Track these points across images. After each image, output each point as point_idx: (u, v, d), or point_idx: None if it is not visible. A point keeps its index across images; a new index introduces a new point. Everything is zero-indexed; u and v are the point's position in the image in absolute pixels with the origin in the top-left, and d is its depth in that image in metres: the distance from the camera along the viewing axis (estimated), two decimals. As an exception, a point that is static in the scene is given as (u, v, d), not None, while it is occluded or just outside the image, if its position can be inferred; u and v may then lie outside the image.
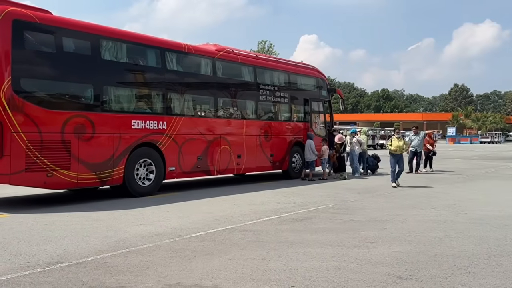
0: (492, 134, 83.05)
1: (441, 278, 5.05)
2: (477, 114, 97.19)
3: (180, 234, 7.02)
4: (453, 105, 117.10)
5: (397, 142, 13.60)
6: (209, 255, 5.86)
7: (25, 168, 8.86)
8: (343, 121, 57.90)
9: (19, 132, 8.75)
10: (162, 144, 11.37)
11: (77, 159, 9.59)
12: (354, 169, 17.16)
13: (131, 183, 10.67)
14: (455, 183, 15.29)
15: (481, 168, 21.99)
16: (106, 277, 4.90)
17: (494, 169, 21.56)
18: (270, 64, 15.87)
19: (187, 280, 4.86)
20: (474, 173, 18.95)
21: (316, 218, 8.55)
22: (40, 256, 5.65)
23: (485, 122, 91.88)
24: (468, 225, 8.09)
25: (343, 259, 5.77)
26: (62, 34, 9.75)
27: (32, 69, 9.23)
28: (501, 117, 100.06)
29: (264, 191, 12.45)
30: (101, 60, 10.38)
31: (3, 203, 9.94)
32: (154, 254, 5.86)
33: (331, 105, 18.39)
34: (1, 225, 7.53)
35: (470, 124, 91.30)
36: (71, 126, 9.52)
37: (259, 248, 6.26)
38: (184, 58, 12.53)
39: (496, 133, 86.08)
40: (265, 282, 4.83)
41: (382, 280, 4.96)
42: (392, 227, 7.79)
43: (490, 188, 14.07)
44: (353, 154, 17.11)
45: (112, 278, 4.88)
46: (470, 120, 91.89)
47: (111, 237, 6.71)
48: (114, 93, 10.72)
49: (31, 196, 10.88)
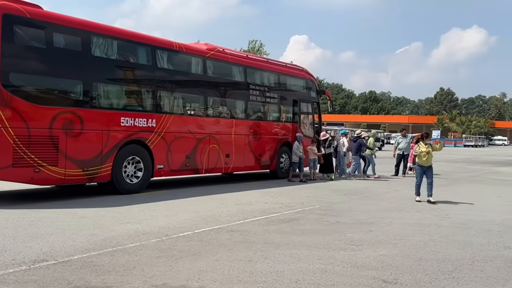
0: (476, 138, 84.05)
1: (426, 283, 5.07)
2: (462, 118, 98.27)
3: (167, 233, 6.96)
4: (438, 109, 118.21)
5: (425, 149, 11.11)
6: (196, 256, 5.82)
7: (12, 163, 8.76)
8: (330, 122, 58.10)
9: (6, 127, 8.64)
10: (151, 141, 11.29)
11: (65, 155, 9.49)
12: (341, 171, 17.22)
13: (119, 180, 10.58)
14: (439, 186, 15.37)
15: (465, 171, 22.20)
16: (92, 277, 4.83)
17: (478, 173, 21.79)
18: (261, 64, 15.85)
19: (174, 281, 4.82)
20: (458, 177, 19.12)
21: (303, 219, 8.54)
22: (25, 254, 5.56)
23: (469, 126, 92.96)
24: (452, 229, 8.15)
25: (329, 261, 5.76)
26: (53, 29, 9.64)
27: (21, 64, 9.12)
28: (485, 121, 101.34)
29: (251, 191, 12.43)
30: (91, 57, 10.28)
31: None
32: (140, 254, 5.80)
33: (319, 106, 18.43)
34: (-14, 220, 7.43)
35: (455, 128, 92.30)
36: (59, 122, 9.42)
37: (246, 249, 6.23)
38: (175, 57, 12.44)
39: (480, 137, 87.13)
40: (251, 284, 4.80)
41: (367, 283, 4.97)
42: (377, 230, 7.81)
43: (472, 191, 14.18)
44: (340, 155, 17.18)
45: (98, 277, 4.82)
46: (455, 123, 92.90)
47: (98, 235, 6.64)
48: (104, 90, 10.63)
49: (18, 191, 10.75)
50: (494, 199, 12.48)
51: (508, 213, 10.11)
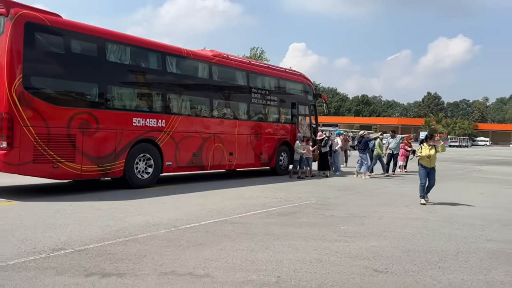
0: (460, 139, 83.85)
1: (414, 272, 5.06)
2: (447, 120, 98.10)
3: (176, 225, 6.95)
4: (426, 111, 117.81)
5: (428, 151, 10.28)
6: (202, 246, 5.81)
7: (33, 159, 8.75)
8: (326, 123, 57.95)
9: (28, 126, 8.64)
10: (160, 140, 11.28)
11: (82, 152, 9.49)
12: (336, 168, 17.19)
13: (131, 175, 10.57)
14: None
15: (451, 170, 22.12)
16: (106, 264, 4.84)
17: (462, 171, 21.72)
18: (262, 69, 15.80)
19: (181, 268, 4.82)
20: (444, 174, 19.04)
21: (300, 213, 8.53)
22: (45, 243, 5.57)
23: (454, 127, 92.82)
24: (438, 223, 8.13)
25: (324, 252, 5.75)
26: (71, 36, 9.62)
27: (42, 68, 9.09)
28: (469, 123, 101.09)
29: (253, 186, 12.40)
30: (106, 62, 10.26)
31: (12, 191, 9.80)
32: (151, 243, 5.80)
33: (316, 108, 18.39)
34: (10, 211, 7.43)
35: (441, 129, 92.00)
36: (76, 122, 9.41)
37: (248, 239, 6.23)
38: (183, 62, 12.41)
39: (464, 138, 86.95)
40: (253, 272, 4.81)
41: (360, 272, 4.96)
42: (369, 223, 7.79)
43: (458, 188, 14.15)
44: (335, 154, 17.16)
45: (112, 265, 4.82)
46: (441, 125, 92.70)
47: (111, 226, 6.64)
48: (118, 92, 10.60)
49: (38, 185, 10.74)
50: (477, 196, 12.44)
51: (490, 209, 10.09)
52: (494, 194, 13.07)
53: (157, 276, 4.52)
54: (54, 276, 4.39)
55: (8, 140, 8.44)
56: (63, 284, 4.20)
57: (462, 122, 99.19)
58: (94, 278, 4.38)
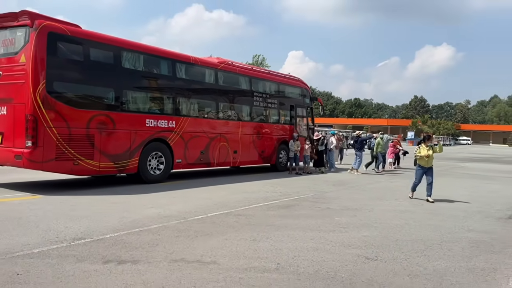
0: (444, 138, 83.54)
1: (402, 260, 5.05)
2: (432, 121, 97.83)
3: (185, 216, 6.95)
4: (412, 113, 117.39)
5: (426, 151, 9.84)
6: (209, 235, 5.81)
7: (55, 157, 8.75)
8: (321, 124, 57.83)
9: (51, 127, 8.64)
10: (171, 139, 11.27)
11: (100, 150, 9.49)
12: (331, 165, 17.16)
13: (144, 172, 10.57)
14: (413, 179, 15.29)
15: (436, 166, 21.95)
16: (122, 252, 4.84)
17: (447, 167, 21.63)
18: (263, 75, 15.77)
19: (190, 256, 4.82)
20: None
21: (298, 206, 8.52)
22: (66, 233, 5.58)
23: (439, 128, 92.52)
24: (425, 215, 8.11)
25: (320, 241, 5.75)
26: (89, 45, 9.61)
27: (63, 74, 9.07)
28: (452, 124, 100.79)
29: (255, 181, 12.38)
30: (122, 68, 10.24)
31: (36, 186, 9.80)
32: (162, 233, 5.80)
33: (312, 110, 18.34)
34: (35, 204, 7.44)
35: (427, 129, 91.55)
36: (95, 123, 9.41)
37: (250, 230, 6.22)
38: (191, 68, 12.39)
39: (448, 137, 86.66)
40: (255, 260, 4.81)
41: (353, 260, 4.96)
42: (361, 215, 7.77)
43: (442, 184, 14.10)
44: (330, 152, 17.12)
45: (127, 253, 4.83)
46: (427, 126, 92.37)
47: (126, 218, 6.64)
48: (132, 96, 10.59)
49: (59, 180, 10.75)
50: (461, 190, 12.40)
51: (472, 202, 10.06)
52: (475, 188, 13.03)
53: (168, 263, 4.53)
54: (74, 263, 4.40)
55: (33, 140, 8.45)
56: (83, 270, 4.20)
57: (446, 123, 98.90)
58: (111, 265, 4.38)
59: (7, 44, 9.08)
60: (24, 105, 8.53)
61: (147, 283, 3.93)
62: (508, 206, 9.59)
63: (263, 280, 4.17)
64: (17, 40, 8.90)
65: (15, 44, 8.95)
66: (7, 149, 8.81)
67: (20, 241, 5.09)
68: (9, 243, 5.00)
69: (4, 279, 3.89)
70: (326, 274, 4.43)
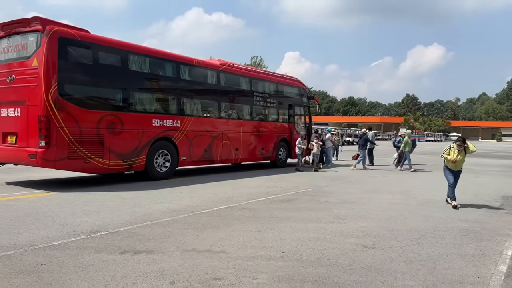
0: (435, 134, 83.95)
1: (397, 248, 5.21)
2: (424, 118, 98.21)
3: (192, 210, 7.09)
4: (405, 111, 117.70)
5: (455, 155, 8.24)
6: (216, 227, 5.95)
7: (67, 156, 8.88)
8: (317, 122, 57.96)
9: (63, 127, 8.76)
10: (176, 138, 11.41)
11: (109, 149, 9.61)
12: (327, 161, 17.31)
13: (151, 169, 10.70)
14: (407, 173, 15.51)
15: (428, 162, 22.24)
16: (136, 243, 4.99)
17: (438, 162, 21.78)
18: (263, 76, 15.90)
19: (201, 246, 4.97)
20: (422, 166, 19.17)
21: (299, 200, 8.66)
22: (83, 226, 5.72)
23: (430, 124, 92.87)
24: (418, 206, 8.26)
25: (321, 232, 5.90)
26: (98, 49, 9.72)
27: (73, 77, 9.18)
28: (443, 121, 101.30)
29: (256, 177, 12.53)
30: (129, 71, 10.36)
31: (48, 184, 9.94)
32: (173, 226, 5.94)
33: (309, 109, 18.49)
34: (50, 201, 7.57)
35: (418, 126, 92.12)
36: (104, 123, 9.53)
37: (255, 222, 6.37)
38: (195, 70, 12.50)
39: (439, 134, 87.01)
40: (261, 249, 4.95)
41: (351, 248, 5.11)
42: (358, 207, 7.92)
43: (433, 178, 14.27)
44: (327, 149, 17.28)
45: (141, 244, 4.97)
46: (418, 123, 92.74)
47: (138, 212, 6.78)
48: (139, 97, 10.71)
49: (70, 178, 10.89)
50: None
51: (462, 194, 10.13)
52: (465, 182, 13.11)
53: (181, 253, 4.68)
54: (93, 254, 4.54)
55: (46, 139, 8.57)
56: (102, 260, 4.35)
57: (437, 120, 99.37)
58: (127, 255, 4.53)
59: (20, 48, 9.19)
60: (37, 107, 8.65)
61: (162, 270, 4.08)
62: (496, 198, 9.77)
63: (270, 267, 4.32)
64: (29, 45, 9.01)
65: (27, 49, 9.06)
66: (21, 149, 8.94)
67: (40, 235, 5.24)
68: (30, 236, 5.14)
69: (30, 269, 4.04)
70: (328, 261, 4.59)
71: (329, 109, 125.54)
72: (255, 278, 3.98)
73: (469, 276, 4.27)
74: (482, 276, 4.31)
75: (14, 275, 3.87)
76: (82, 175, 10.87)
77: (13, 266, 4.10)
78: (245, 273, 4.11)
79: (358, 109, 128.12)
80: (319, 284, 3.90)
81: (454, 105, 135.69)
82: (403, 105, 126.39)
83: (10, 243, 4.84)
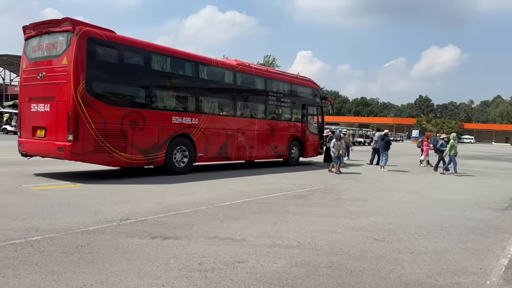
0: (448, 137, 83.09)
1: (406, 241, 5.55)
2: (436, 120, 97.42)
3: (212, 203, 7.49)
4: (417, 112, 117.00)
5: None
6: (235, 219, 6.34)
7: (93, 149, 9.36)
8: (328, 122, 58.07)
9: (90, 123, 9.24)
10: (194, 135, 11.85)
11: (132, 144, 10.08)
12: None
13: (170, 164, 11.16)
14: (416, 174, 15.76)
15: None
16: (164, 230, 5.41)
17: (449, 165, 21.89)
18: (277, 76, 16.25)
19: (222, 234, 5.37)
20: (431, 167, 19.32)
21: (312, 196, 9.02)
22: (113, 214, 6.16)
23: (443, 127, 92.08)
24: (426, 205, 8.57)
25: (333, 225, 6.25)
26: (123, 49, 10.18)
27: (100, 75, 9.64)
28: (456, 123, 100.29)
29: (270, 174, 12.89)
30: (151, 70, 10.83)
31: (74, 176, 10.44)
32: (195, 216, 6.36)
33: (322, 109, 18.80)
34: (78, 191, 8.05)
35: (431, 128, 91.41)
36: (128, 120, 9.99)
37: (271, 215, 6.74)
38: (212, 70, 12.92)
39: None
40: (278, 238, 5.34)
41: (363, 241, 5.46)
42: (369, 205, 8.25)
43: (444, 179, 14.50)
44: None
45: (169, 231, 5.40)
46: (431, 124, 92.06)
47: (161, 203, 7.21)
48: (160, 95, 11.16)
49: (92, 171, 11.37)
50: (461, 185, 12.80)
51: (470, 195, 10.47)
52: (475, 183, 13.42)
53: (205, 240, 5.10)
54: (126, 238, 4.99)
55: (74, 134, 9.07)
56: (135, 244, 4.79)
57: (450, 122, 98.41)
58: (158, 240, 4.97)
59: (50, 47, 9.71)
60: (66, 103, 9.14)
61: (190, 254, 4.51)
62: (504, 199, 10.01)
63: (287, 254, 4.72)
64: (60, 44, 9.51)
65: (57, 48, 9.57)
66: (50, 142, 9.46)
67: (75, 221, 5.70)
68: (66, 222, 5.61)
69: (72, 249, 4.49)
70: (340, 250, 4.97)
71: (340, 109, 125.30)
72: (275, 262, 4.38)
73: (472, 267, 4.61)
74: (484, 267, 4.64)
75: (59, 254, 4.33)
76: (102, 169, 11.35)
77: (56, 247, 4.55)
78: (265, 258, 4.51)
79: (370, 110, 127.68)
80: (333, 269, 4.28)
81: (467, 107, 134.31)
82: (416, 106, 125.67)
83: (50, 227, 5.31)
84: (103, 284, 3.58)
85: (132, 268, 3.99)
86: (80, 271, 3.84)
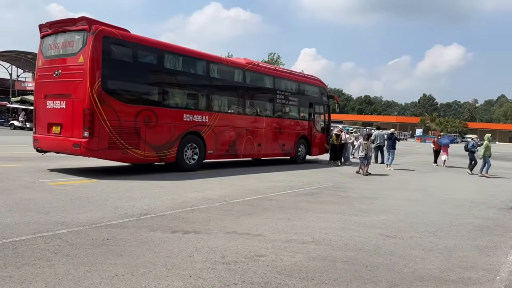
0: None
1: (416, 238, 5.73)
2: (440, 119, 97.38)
3: (225, 200, 7.68)
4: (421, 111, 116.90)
5: None
6: (250, 215, 6.53)
7: (108, 146, 9.57)
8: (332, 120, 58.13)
9: (105, 120, 9.44)
10: (204, 133, 12.03)
11: (145, 141, 10.28)
12: (346, 158, 17.78)
13: (181, 161, 11.35)
14: (422, 173, 15.90)
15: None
16: (183, 225, 5.61)
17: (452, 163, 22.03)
18: (285, 75, 16.39)
19: (240, 229, 5.56)
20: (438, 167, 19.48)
21: (322, 194, 9.19)
22: (132, 209, 6.36)
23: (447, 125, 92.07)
24: (435, 203, 8.73)
25: (345, 222, 6.43)
26: (137, 47, 10.37)
27: (115, 73, 9.83)
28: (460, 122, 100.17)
29: (278, 172, 13.07)
30: (164, 68, 11.02)
31: (88, 171, 10.63)
32: (211, 212, 6.55)
33: (329, 108, 18.95)
34: (95, 187, 8.25)
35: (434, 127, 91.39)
36: (141, 117, 10.18)
37: (284, 212, 6.92)
38: (223, 68, 13.09)
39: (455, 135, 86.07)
40: (293, 234, 5.53)
41: (375, 237, 5.64)
42: (378, 203, 8.41)
43: (450, 178, 14.65)
44: (347, 147, 17.74)
45: (188, 225, 5.60)
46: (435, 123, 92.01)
47: (177, 199, 7.40)
48: (172, 93, 11.37)
49: (106, 167, 11.56)
50: (467, 184, 12.96)
51: (476, 194, 10.63)
52: (481, 183, 13.55)
53: (224, 234, 5.29)
54: (148, 232, 5.19)
55: (90, 131, 9.28)
56: (158, 237, 4.99)
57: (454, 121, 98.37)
58: (179, 234, 5.16)
59: (66, 46, 9.91)
60: (82, 100, 9.35)
61: (212, 247, 4.70)
62: (510, 199, 10.15)
63: (304, 248, 4.90)
64: (76, 43, 9.71)
65: (73, 46, 9.76)
66: (66, 139, 9.67)
67: (97, 215, 5.90)
68: (89, 216, 5.81)
69: (99, 242, 4.69)
70: (355, 246, 5.15)
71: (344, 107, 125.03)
72: (293, 256, 4.57)
73: (482, 264, 4.79)
74: (493, 264, 4.82)
75: (87, 246, 4.53)
76: (113, 165, 11.56)
77: (83, 240, 4.76)
78: (283, 252, 4.70)
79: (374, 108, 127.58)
80: (349, 264, 4.46)
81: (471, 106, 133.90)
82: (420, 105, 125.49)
83: (74, 221, 5.51)
84: (134, 275, 3.77)
85: (159, 260, 4.19)
86: (110, 263, 4.04)
